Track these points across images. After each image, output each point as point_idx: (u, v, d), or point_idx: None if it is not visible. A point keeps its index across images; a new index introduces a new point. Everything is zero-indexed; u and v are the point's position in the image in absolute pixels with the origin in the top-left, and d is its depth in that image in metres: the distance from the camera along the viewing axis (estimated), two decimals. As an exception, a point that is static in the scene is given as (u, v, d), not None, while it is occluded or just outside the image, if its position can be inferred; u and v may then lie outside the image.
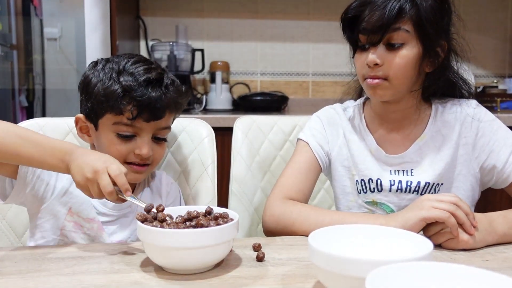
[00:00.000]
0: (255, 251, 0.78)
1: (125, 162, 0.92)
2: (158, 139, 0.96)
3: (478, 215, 0.80)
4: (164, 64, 2.31)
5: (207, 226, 0.68)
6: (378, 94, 0.93)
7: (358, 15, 0.91)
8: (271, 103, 2.35)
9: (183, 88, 0.98)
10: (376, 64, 0.90)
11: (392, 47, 0.90)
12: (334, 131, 1.04)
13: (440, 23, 0.90)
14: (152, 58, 2.36)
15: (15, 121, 1.81)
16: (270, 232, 0.92)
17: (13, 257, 0.75)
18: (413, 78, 0.92)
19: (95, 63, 0.96)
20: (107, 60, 0.95)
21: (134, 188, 1.00)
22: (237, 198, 1.23)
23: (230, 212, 0.75)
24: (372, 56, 0.90)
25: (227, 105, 2.36)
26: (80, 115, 0.96)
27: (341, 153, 1.03)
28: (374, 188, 0.98)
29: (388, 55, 0.90)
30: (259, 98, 2.34)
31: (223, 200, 1.27)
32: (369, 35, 0.90)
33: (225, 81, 2.39)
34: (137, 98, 0.89)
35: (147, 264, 0.72)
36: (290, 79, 2.57)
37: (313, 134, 1.03)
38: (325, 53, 2.56)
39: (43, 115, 1.85)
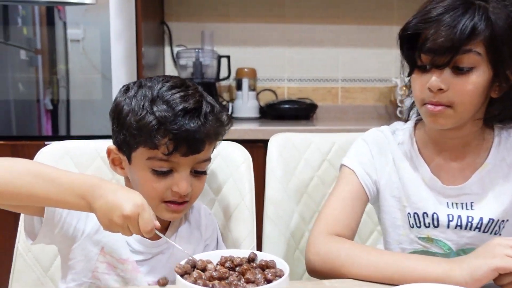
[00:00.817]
0: (304, 301, 0.70)
1: (162, 201, 0.84)
2: (198, 173, 0.87)
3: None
4: (189, 71, 2.24)
5: (254, 282, 0.60)
6: (440, 123, 0.84)
7: (420, 33, 0.82)
8: (299, 111, 2.27)
9: (224, 116, 0.89)
10: (440, 89, 0.81)
11: (459, 71, 0.80)
12: (382, 157, 0.95)
13: None
14: (177, 65, 2.30)
15: (40, 125, 1.77)
16: (315, 272, 0.84)
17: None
18: (478, 105, 0.83)
19: (127, 88, 0.87)
20: (139, 85, 0.86)
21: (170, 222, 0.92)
22: (273, 222, 1.16)
23: (276, 259, 0.68)
24: (436, 80, 0.81)
25: (254, 113, 2.29)
26: (112, 147, 0.87)
27: (390, 182, 0.94)
28: (429, 223, 0.89)
29: (455, 80, 0.81)
30: (287, 106, 2.26)
31: (257, 223, 1.20)
32: (434, 57, 0.80)
33: (252, 88, 2.32)
34: (173, 131, 0.80)
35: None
36: (318, 85, 2.48)
37: (359, 160, 0.95)
38: (355, 58, 2.46)
39: (67, 119, 1.80)
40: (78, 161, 1.03)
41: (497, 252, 0.69)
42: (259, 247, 1.14)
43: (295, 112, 2.26)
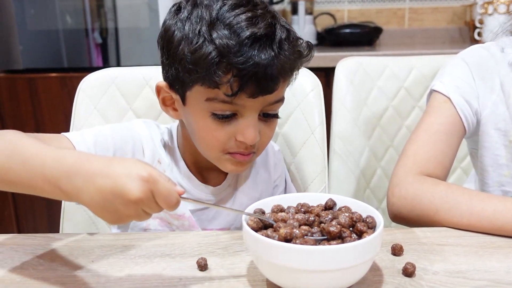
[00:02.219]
0: (395, 255, 0.58)
1: (225, 152, 0.68)
2: (268, 116, 0.69)
3: None
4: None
5: (341, 236, 0.48)
6: None
7: None
8: (361, 36, 2.05)
9: (303, 44, 0.68)
10: None
11: None
12: (487, 81, 0.77)
13: None
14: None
15: (90, 60, 1.70)
16: (400, 218, 0.72)
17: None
18: None
19: (178, 8, 0.67)
20: (193, 4, 0.65)
21: None
22: (341, 159, 1.03)
23: (358, 203, 0.55)
24: None
25: (311, 39, 2.09)
26: (162, 83, 0.70)
27: (496, 112, 0.76)
28: (544, 163, 0.73)
29: None
30: (347, 30, 2.04)
31: (322, 160, 1.07)
32: None
33: (309, 11, 2.10)
34: (239, 65, 0.60)
35: (256, 275, 0.55)
36: (382, 6, 2.22)
37: (456, 85, 0.77)
38: (426, -27, 2.16)
39: (117, 53, 1.72)
40: (125, 90, 0.92)
41: None
42: (325, 185, 1.02)
43: (357, 37, 2.03)
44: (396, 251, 0.58)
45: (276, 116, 0.70)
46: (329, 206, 0.57)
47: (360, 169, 1.05)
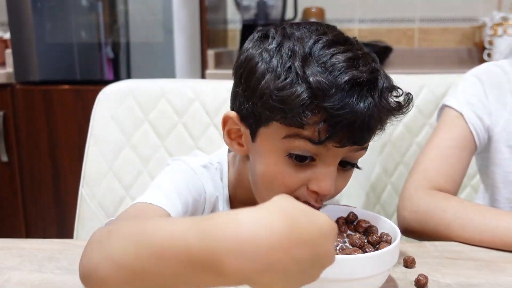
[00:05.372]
0: (407, 267, 0.59)
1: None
2: (347, 165, 0.60)
3: None
4: (252, 13, 2.09)
5: (361, 247, 0.49)
6: None
7: None
8: (372, 54, 2.07)
9: (405, 95, 0.59)
10: None
11: None
12: (500, 98, 0.79)
13: None
14: (240, 6, 2.16)
15: (102, 73, 1.74)
16: (411, 233, 0.72)
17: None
18: None
19: (265, 36, 0.59)
20: (283, 34, 0.57)
21: None
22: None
23: (372, 215, 0.56)
24: None
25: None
26: (232, 114, 0.61)
27: (508, 129, 0.77)
28: (556, 180, 0.73)
29: None
30: (358, 49, 2.07)
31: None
32: None
33: (319, 30, 2.14)
34: (334, 110, 0.52)
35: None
36: (393, 26, 2.25)
37: (469, 101, 0.79)
38: (436, -6, 2.19)
39: (128, 67, 1.75)
40: (142, 101, 0.94)
41: None
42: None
43: (367, 56, 2.06)
44: (408, 263, 0.59)
45: (355, 165, 0.61)
46: (351, 220, 0.59)
47: (370, 185, 1.06)
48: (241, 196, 0.69)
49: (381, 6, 2.22)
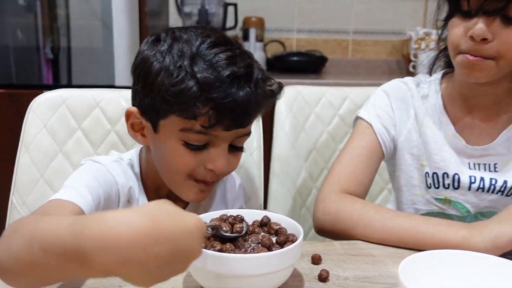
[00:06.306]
0: (314, 263, 0.66)
1: (190, 178, 0.72)
2: (235, 149, 0.74)
3: None
4: (194, 20, 2.14)
5: (268, 246, 0.56)
6: (475, 76, 0.76)
7: None
8: (308, 64, 2.18)
9: (276, 84, 0.73)
10: (484, 40, 0.72)
11: (509, 20, 0.71)
12: (404, 111, 0.88)
13: None
14: (182, 12, 2.19)
15: (40, 77, 1.71)
16: (324, 232, 0.80)
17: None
18: None
19: (156, 39, 0.70)
20: (173, 37, 0.69)
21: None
22: (279, 179, 1.11)
23: (284, 219, 0.63)
24: (481, 28, 0.71)
25: (261, 65, 2.19)
26: (133, 109, 0.72)
27: (410, 139, 0.87)
28: (449, 184, 0.84)
29: (503, 31, 0.72)
30: (295, 58, 2.17)
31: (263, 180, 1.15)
32: (485, 2, 0.70)
33: (259, 38, 2.22)
34: (219, 100, 0.65)
35: (190, 281, 0.61)
36: (328, 37, 2.37)
37: (377, 114, 0.88)
38: (369, 8, 2.34)
39: (69, 72, 1.74)
40: (75, 111, 0.97)
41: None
42: (264, 204, 1.09)
43: (304, 65, 2.16)
44: (315, 260, 0.66)
45: (241, 149, 0.75)
46: (264, 223, 0.65)
47: (296, 189, 1.14)
48: (153, 185, 0.78)
49: (318, 17, 2.34)
